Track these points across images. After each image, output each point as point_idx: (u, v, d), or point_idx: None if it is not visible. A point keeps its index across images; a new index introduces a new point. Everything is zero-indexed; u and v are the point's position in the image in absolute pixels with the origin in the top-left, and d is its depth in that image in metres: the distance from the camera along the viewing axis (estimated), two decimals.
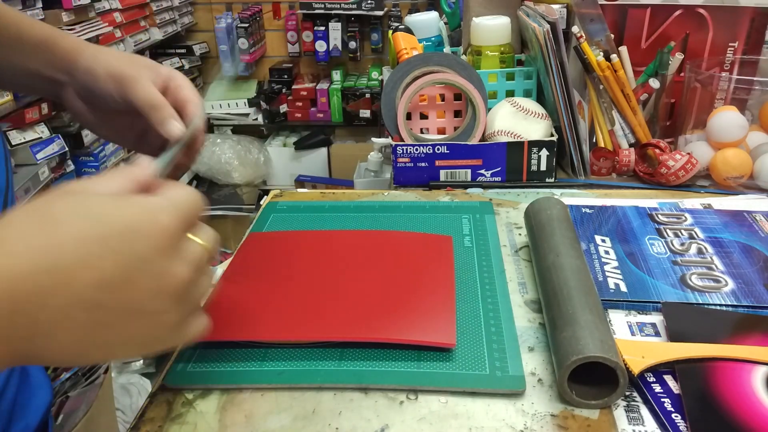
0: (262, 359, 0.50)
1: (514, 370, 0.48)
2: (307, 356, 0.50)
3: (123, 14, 1.95)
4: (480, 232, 0.69)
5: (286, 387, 0.48)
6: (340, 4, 2.47)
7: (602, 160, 0.85)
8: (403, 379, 0.47)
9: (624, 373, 0.44)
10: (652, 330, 0.53)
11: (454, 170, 0.83)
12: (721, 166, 0.79)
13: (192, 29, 2.66)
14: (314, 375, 0.48)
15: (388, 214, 0.74)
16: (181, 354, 0.51)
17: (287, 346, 0.51)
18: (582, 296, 0.50)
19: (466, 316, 0.54)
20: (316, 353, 0.50)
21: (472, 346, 0.50)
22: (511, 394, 0.47)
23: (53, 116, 1.66)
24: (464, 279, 0.60)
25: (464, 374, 0.48)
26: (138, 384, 1.59)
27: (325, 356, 0.50)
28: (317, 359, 0.50)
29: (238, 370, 0.49)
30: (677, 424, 0.43)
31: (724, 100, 0.83)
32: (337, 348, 0.51)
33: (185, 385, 0.49)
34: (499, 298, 0.57)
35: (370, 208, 0.76)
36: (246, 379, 0.48)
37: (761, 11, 0.85)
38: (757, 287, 0.57)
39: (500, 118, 0.83)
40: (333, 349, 0.51)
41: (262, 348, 0.51)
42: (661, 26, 0.88)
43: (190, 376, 0.49)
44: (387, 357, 0.50)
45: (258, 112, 2.71)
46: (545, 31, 0.77)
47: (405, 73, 0.84)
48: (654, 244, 0.64)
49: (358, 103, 2.62)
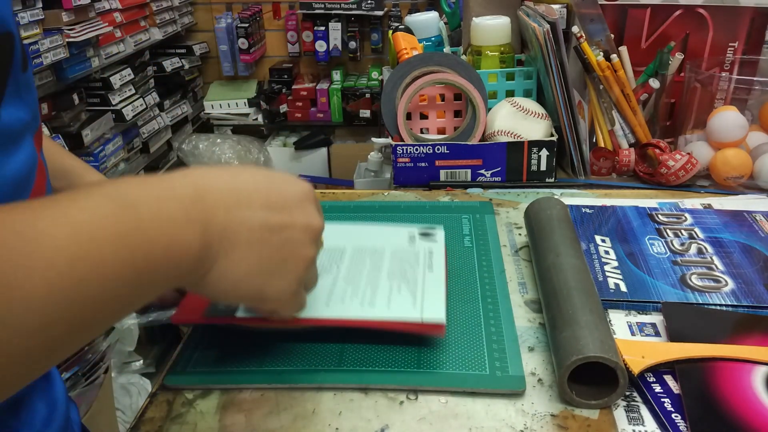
0: (261, 360, 0.50)
1: (514, 370, 0.48)
2: (307, 357, 0.50)
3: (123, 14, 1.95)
4: (480, 232, 0.69)
5: (286, 387, 0.48)
6: (340, 4, 2.47)
7: (602, 160, 0.85)
8: (403, 380, 0.47)
9: (624, 373, 0.44)
10: (652, 330, 0.53)
11: (454, 170, 0.83)
12: (721, 166, 0.79)
13: (192, 29, 2.66)
14: (314, 375, 0.48)
15: (387, 214, 0.74)
16: (181, 355, 0.51)
17: (280, 333, 0.51)
18: (582, 296, 0.50)
19: (466, 316, 0.54)
20: (315, 354, 0.50)
21: (472, 346, 0.50)
22: (511, 394, 0.47)
23: (53, 116, 1.66)
24: (464, 279, 0.60)
25: (464, 374, 0.48)
26: (138, 384, 1.59)
27: (324, 357, 0.50)
28: (317, 360, 0.50)
29: (237, 371, 0.49)
30: (677, 424, 0.43)
31: (724, 100, 0.83)
32: (336, 348, 0.51)
33: (185, 385, 0.49)
34: (499, 298, 0.57)
35: (370, 208, 0.76)
36: (246, 379, 0.48)
37: (761, 11, 0.85)
38: (757, 287, 0.57)
39: (500, 118, 0.83)
40: (333, 349, 0.51)
41: (260, 333, 0.52)
42: (661, 26, 0.88)
43: (190, 377, 0.49)
44: (387, 358, 0.50)
45: (258, 112, 2.71)
46: (545, 31, 0.77)
47: (405, 73, 0.84)
48: (654, 244, 0.64)
49: (358, 103, 2.62)
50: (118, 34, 1.93)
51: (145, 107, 2.05)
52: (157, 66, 2.31)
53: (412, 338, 0.51)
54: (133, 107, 1.97)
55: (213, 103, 2.69)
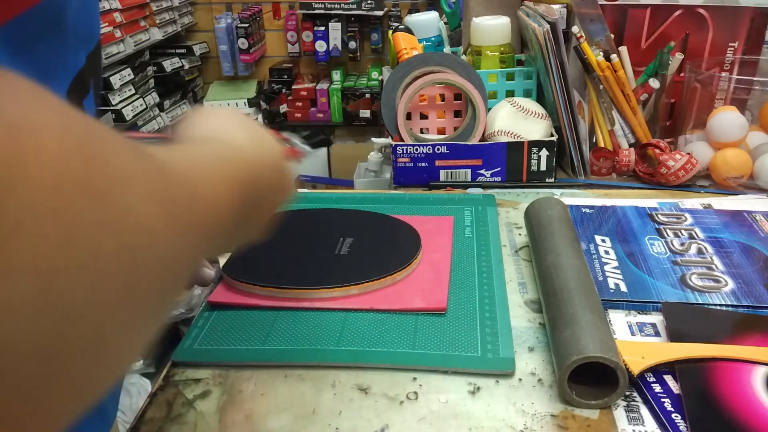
0: (264, 339, 0.53)
1: (504, 353, 0.50)
2: (308, 337, 0.53)
3: (123, 14, 1.95)
4: (481, 224, 0.71)
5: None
6: (340, 4, 2.47)
7: (602, 160, 0.85)
8: (397, 359, 0.50)
9: (624, 373, 0.44)
10: (652, 330, 0.53)
11: (454, 170, 0.83)
12: (721, 166, 0.79)
13: (192, 29, 2.66)
14: (313, 354, 0.51)
15: (391, 206, 0.75)
16: (189, 333, 0.54)
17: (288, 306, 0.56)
18: (582, 296, 0.50)
19: (463, 302, 0.56)
20: (315, 335, 0.53)
21: (465, 330, 0.53)
22: (502, 375, 0.48)
23: None
24: (463, 267, 0.62)
25: (457, 356, 0.50)
26: (138, 384, 1.59)
27: (324, 338, 0.53)
28: (317, 340, 0.52)
29: (241, 348, 0.52)
30: (677, 424, 0.43)
31: (724, 100, 0.83)
32: (336, 329, 0.53)
33: (192, 360, 0.51)
34: (496, 286, 0.59)
35: (375, 199, 0.78)
36: (249, 356, 0.51)
37: (761, 11, 0.85)
38: (757, 287, 0.57)
39: (500, 118, 0.83)
40: (333, 329, 0.53)
41: (267, 310, 0.56)
42: (661, 26, 0.88)
43: (197, 353, 0.52)
44: (383, 339, 0.52)
45: (258, 112, 2.71)
46: (545, 31, 0.77)
47: (405, 73, 0.84)
48: (654, 244, 0.64)
49: (358, 103, 2.62)
50: (118, 34, 1.93)
51: (145, 107, 2.05)
52: (157, 66, 2.31)
53: (409, 320, 0.54)
54: (133, 107, 1.97)
55: (213, 103, 2.69)
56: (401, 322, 0.54)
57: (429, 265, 0.61)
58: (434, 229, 0.68)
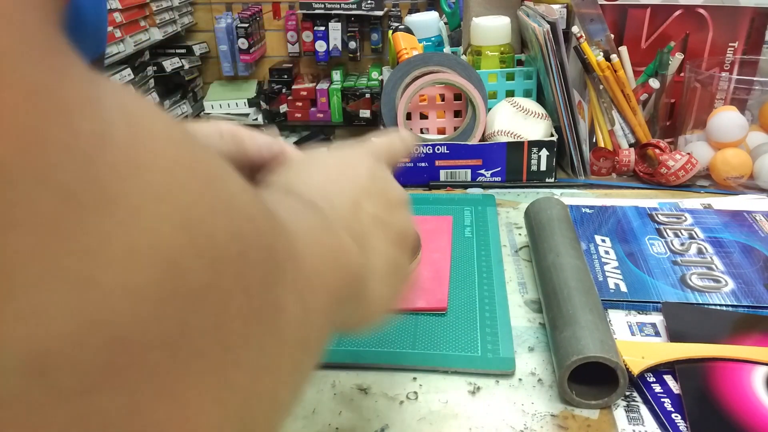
0: None
1: (504, 353, 0.50)
2: None
3: (123, 14, 1.95)
4: (481, 224, 0.71)
5: None
6: (340, 4, 2.47)
7: (602, 160, 0.85)
8: (397, 359, 0.50)
9: (624, 373, 0.44)
10: (652, 330, 0.53)
11: (454, 170, 0.83)
12: (721, 166, 0.79)
13: (192, 29, 2.66)
14: None
15: None
16: None
17: None
18: (582, 296, 0.50)
19: (463, 302, 0.56)
20: None
21: (465, 330, 0.53)
22: (502, 374, 0.48)
23: None
24: (463, 267, 0.62)
25: (457, 355, 0.50)
26: None
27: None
28: None
29: None
30: (677, 424, 0.43)
31: (724, 100, 0.83)
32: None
33: None
34: (495, 286, 0.59)
35: None
36: None
37: (761, 11, 0.85)
38: (757, 287, 0.57)
39: (500, 118, 0.83)
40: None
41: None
42: (661, 26, 0.88)
43: None
44: (383, 339, 0.52)
45: (258, 112, 2.71)
46: (545, 31, 0.77)
47: (405, 73, 0.84)
48: (654, 244, 0.64)
49: (358, 103, 2.62)
50: (118, 34, 1.93)
51: None
52: (157, 66, 2.31)
53: (409, 320, 0.54)
54: None
55: (213, 103, 2.69)
56: (401, 322, 0.54)
57: (429, 265, 0.61)
58: (434, 229, 0.68)
